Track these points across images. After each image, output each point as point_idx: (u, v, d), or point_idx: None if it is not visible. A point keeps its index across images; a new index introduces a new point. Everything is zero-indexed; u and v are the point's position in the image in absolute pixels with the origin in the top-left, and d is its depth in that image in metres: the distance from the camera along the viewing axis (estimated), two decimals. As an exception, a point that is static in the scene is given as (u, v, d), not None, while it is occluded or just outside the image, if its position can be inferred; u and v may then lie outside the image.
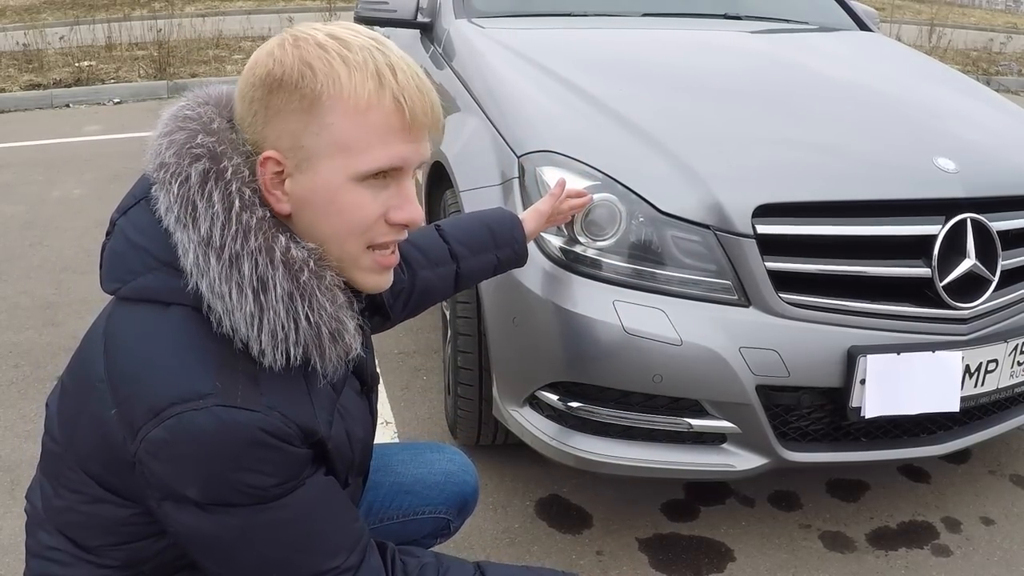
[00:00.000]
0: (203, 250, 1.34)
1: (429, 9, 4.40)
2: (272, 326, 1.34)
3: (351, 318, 1.44)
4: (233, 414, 1.29)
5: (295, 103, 1.35)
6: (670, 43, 3.97)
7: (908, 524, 3.14)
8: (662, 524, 3.10)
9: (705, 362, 2.61)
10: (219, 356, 1.34)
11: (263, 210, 1.37)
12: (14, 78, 11.96)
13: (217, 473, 1.30)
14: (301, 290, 1.36)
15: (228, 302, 1.33)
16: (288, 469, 1.35)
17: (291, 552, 1.37)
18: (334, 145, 1.36)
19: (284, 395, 1.37)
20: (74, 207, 6.62)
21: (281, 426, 1.33)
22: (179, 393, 1.30)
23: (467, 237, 2.14)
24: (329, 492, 1.43)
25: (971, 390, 2.81)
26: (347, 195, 1.38)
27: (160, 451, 1.30)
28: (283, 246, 1.36)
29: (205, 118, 1.42)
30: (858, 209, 2.75)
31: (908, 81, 3.75)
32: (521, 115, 3.12)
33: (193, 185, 1.35)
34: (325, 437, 1.43)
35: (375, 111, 1.35)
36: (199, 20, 15.19)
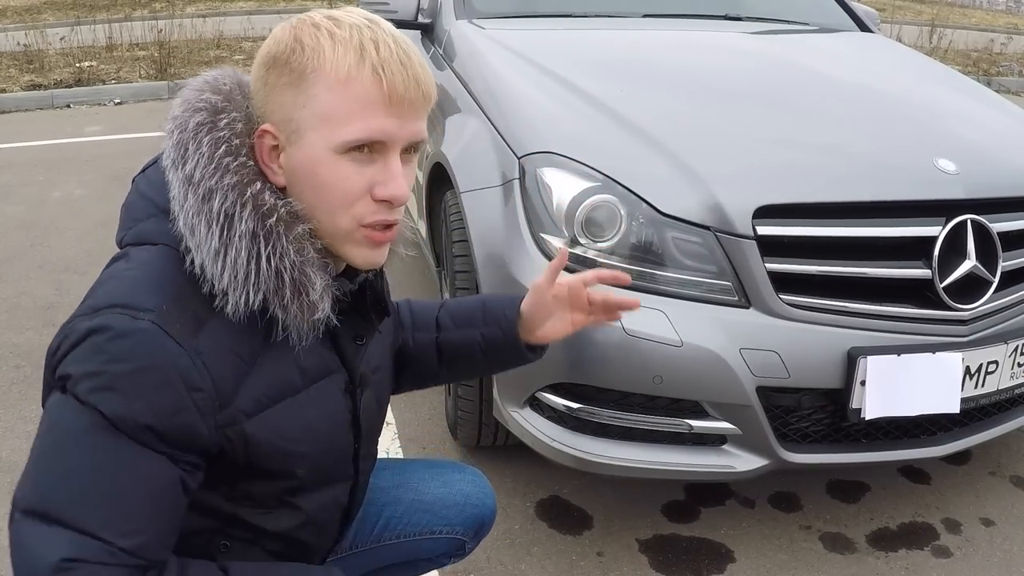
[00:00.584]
0: (184, 188, 1.40)
1: (430, 10, 4.41)
2: (233, 264, 1.37)
3: (321, 278, 1.44)
4: (160, 337, 1.32)
5: (286, 78, 1.41)
6: (671, 44, 3.97)
7: (908, 525, 3.14)
8: (662, 525, 3.10)
9: (705, 363, 2.61)
10: (178, 291, 1.38)
11: (247, 158, 1.43)
12: (15, 78, 11.95)
13: (114, 376, 1.31)
14: (266, 232, 1.39)
15: (197, 236, 1.38)
16: (169, 422, 1.34)
17: (93, 494, 1.33)
18: (317, 117, 1.39)
19: (220, 350, 1.38)
20: (75, 208, 6.62)
21: (196, 374, 1.35)
22: (124, 299, 1.35)
23: (458, 310, 2.05)
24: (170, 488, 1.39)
25: (971, 391, 2.82)
26: (330, 167, 1.41)
27: (81, 337, 1.33)
28: (256, 189, 1.41)
29: (219, 81, 1.50)
30: (858, 210, 2.75)
31: (908, 82, 3.76)
32: (522, 116, 3.12)
33: (188, 132, 1.43)
34: (241, 411, 1.42)
35: (355, 83, 1.38)
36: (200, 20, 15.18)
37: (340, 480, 1.70)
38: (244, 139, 1.44)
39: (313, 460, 1.57)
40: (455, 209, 3.22)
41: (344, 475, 1.71)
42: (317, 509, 1.65)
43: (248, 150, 1.44)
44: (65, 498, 1.32)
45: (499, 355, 1.96)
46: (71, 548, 1.30)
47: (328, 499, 1.68)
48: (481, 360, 1.98)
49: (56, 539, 1.30)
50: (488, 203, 2.99)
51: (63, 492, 1.32)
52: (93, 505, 1.32)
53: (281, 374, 1.48)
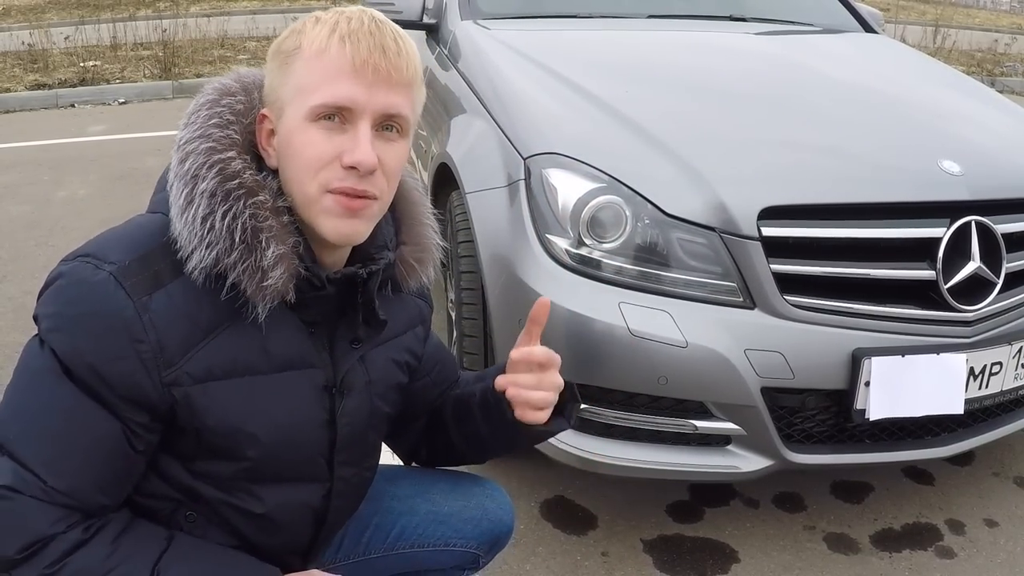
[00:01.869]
0: (175, 150, 1.52)
1: (435, 10, 4.42)
2: (192, 222, 1.45)
3: (276, 246, 1.47)
4: (112, 287, 1.42)
5: (278, 61, 1.51)
6: (676, 45, 3.98)
7: (912, 526, 3.14)
8: (667, 525, 3.10)
9: (710, 364, 2.62)
10: (151, 251, 1.47)
11: (233, 131, 1.52)
12: (19, 78, 11.96)
13: (66, 316, 1.43)
14: (224, 192, 1.46)
15: (172, 194, 1.49)
16: (111, 368, 1.42)
17: (38, 432, 1.44)
18: (295, 90, 1.48)
19: (174, 311, 1.46)
20: (79, 207, 6.62)
21: (139, 327, 1.43)
22: (95, 252, 1.46)
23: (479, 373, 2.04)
24: (110, 439, 1.46)
25: (975, 392, 2.82)
26: (302, 135, 1.48)
27: (52, 279, 1.47)
28: (226, 156, 1.49)
29: (243, 75, 1.63)
30: (863, 211, 2.76)
31: (913, 83, 3.76)
32: (527, 117, 3.13)
33: (196, 107, 1.56)
34: (187, 374, 1.47)
35: (325, 54, 1.46)
36: (204, 20, 15.18)
37: (310, 480, 1.70)
38: (240, 118, 1.54)
39: (268, 448, 1.58)
40: (460, 210, 3.23)
41: (315, 476, 1.70)
42: (279, 505, 1.66)
43: (243, 130, 1.53)
44: (15, 431, 1.45)
45: (489, 414, 1.88)
46: (12, 478, 1.43)
47: (294, 497, 1.68)
48: (481, 419, 1.90)
49: (2, 468, 1.43)
50: (493, 204, 3.00)
51: (14, 425, 1.45)
52: (36, 442, 1.44)
53: (241, 352, 1.52)
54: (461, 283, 3.16)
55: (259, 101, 1.57)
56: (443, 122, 3.77)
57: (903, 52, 4.33)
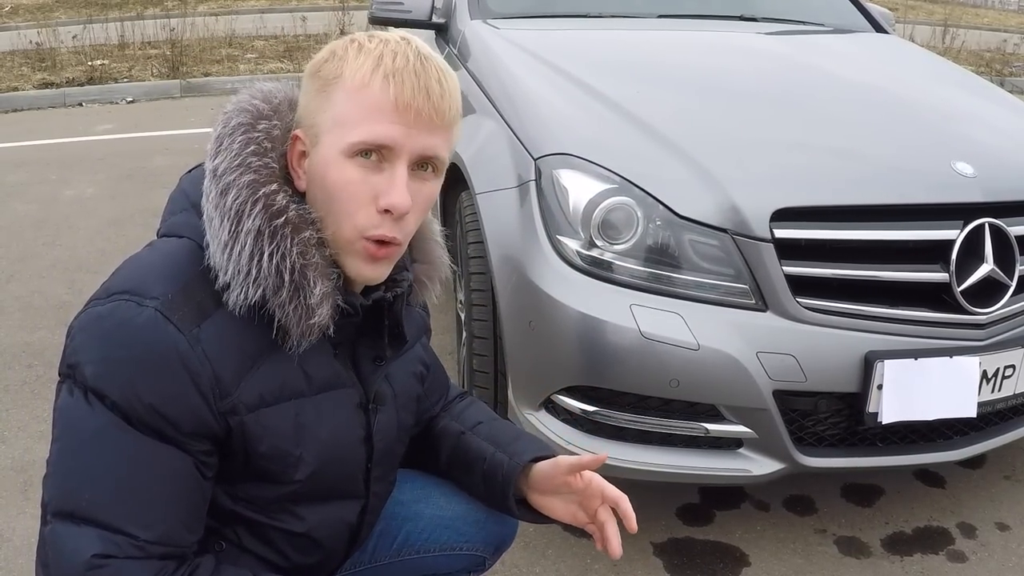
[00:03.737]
0: (210, 180, 1.47)
1: (444, 10, 4.40)
2: (238, 259, 1.41)
3: (322, 283, 1.46)
4: (163, 323, 1.38)
5: (317, 84, 1.48)
6: (686, 45, 3.96)
7: (923, 529, 3.13)
8: (677, 528, 3.09)
9: (722, 367, 2.60)
10: (189, 281, 1.44)
11: (272, 160, 1.48)
12: (27, 77, 11.98)
13: (117, 360, 1.37)
14: (272, 230, 1.43)
15: (212, 228, 1.44)
16: (174, 406, 1.39)
17: (114, 490, 1.39)
18: (333, 121, 1.45)
19: (223, 341, 1.43)
20: (87, 206, 6.62)
21: (195, 359, 1.39)
22: (134, 286, 1.41)
23: (499, 428, 1.97)
24: (186, 476, 1.44)
25: (988, 395, 2.80)
26: (338, 170, 1.45)
27: (90, 323, 1.41)
28: (270, 190, 1.45)
29: (271, 93, 1.57)
30: (876, 213, 2.74)
31: (925, 84, 3.74)
32: (537, 117, 3.11)
33: (227, 129, 1.50)
34: (242, 403, 1.45)
35: (368, 89, 1.43)
36: (212, 19, 15.19)
37: (348, 497, 1.71)
38: (277, 145, 1.49)
39: (315, 468, 1.58)
40: (470, 211, 3.22)
41: (353, 492, 1.71)
42: (320, 523, 1.66)
43: (279, 156, 1.48)
44: (88, 497, 1.37)
45: (492, 484, 1.86)
46: (101, 545, 1.36)
47: (333, 515, 1.69)
48: (479, 480, 1.89)
49: (86, 538, 1.36)
50: (504, 205, 2.98)
51: (86, 491, 1.38)
52: (115, 501, 1.38)
53: (287, 376, 1.51)
54: (471, 284, 3.14)
55: (291, 122, 1.54)
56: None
57: (914, 52, 4.31)
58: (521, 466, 1.82)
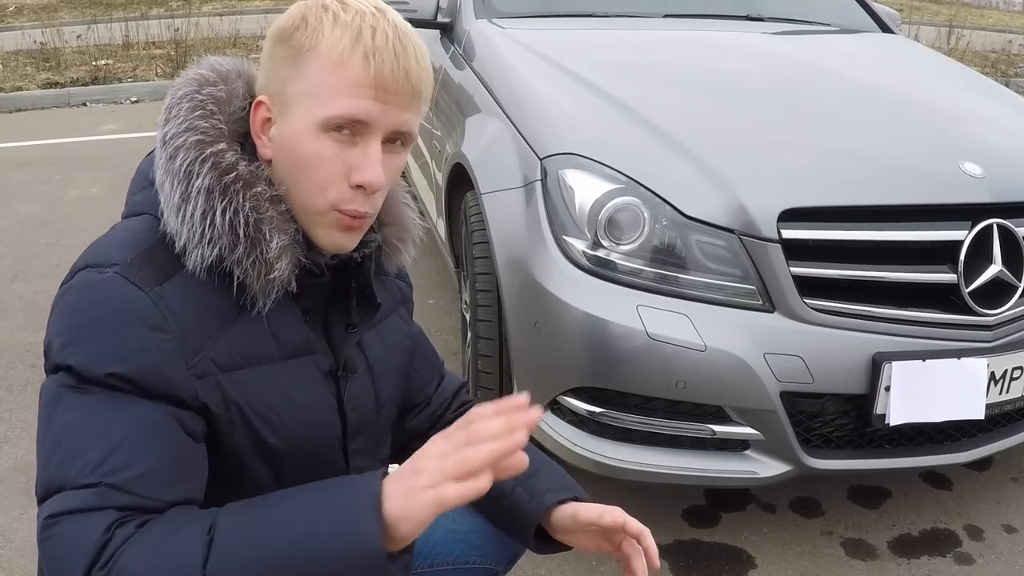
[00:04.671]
0: (160, 148, 1.46)
1: (449, 9, 4.40)
2: (190, 220, 1.40)
3: (279, 237, 1.43)
4: (122, 284, 1.36)
5: (286, 52, 1.45)
6: (692, 44, 3.95)
7: (930, 532, 3.12)
8: (683, 531, 3.08)
9: (729, 368, 2.59)
10: (148, 247, 1.42)
11: (218, 121, 1.47)
12: (31, 76, 11.98)
13: (77, 325, 1.35)
14: (222, 188, 1.41)
15: (164, 193, 1.43)
16: (136, 363, 1.34)
17: (78, 446, 1.32)
18: (307, 92, 1.42)
19: (187, 299, 1.40)
20: (91, 206, 6.62)
21: (157, 315, 1.36)
22: (95, 259, 1.40)
23: None
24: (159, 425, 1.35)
25: (996, 397, 2.79)
26: (311, 143, 1.43)
27: (58, 301, 1.40)
28: (218, 148, 1.44)
29: (219, 63, 1.57)
30: (884, 214, 2.73)
31: (932, 84, 3.73)
32: (543, 117, 3.10)
33: (174, 99, 1.50)
34: (214, 362, 1.41)
35: (346, 65, 1.40)
36: (216, 19, 15.18)
37: (328, 471, 1.60)
38: (223, 106, 1.49)
39: (293, 432, 1.53)
40: (476, 210, 3.20)
41: (333, 467, 1.64)
42: None
43: (228, 118, 1.49)
44: (55, 463, 1.31)
45: (511, 519, 1.81)
46: (55, 505, 1.29)
47: None
48: (497, 510, 1.83)
49: (48, 506, 1.30)
50: (509, 205, 2.97)
51: (53, 460, 1.32)
52: (76, 456, 1.31)
53: (257, 339, 1.48)
54: (476, 284, 3.13)
55: (244, 90, 1.54)
56: (458, 122, 3.75)
57: (921, 52, 4.30)
58: (543, 509, 1.77)
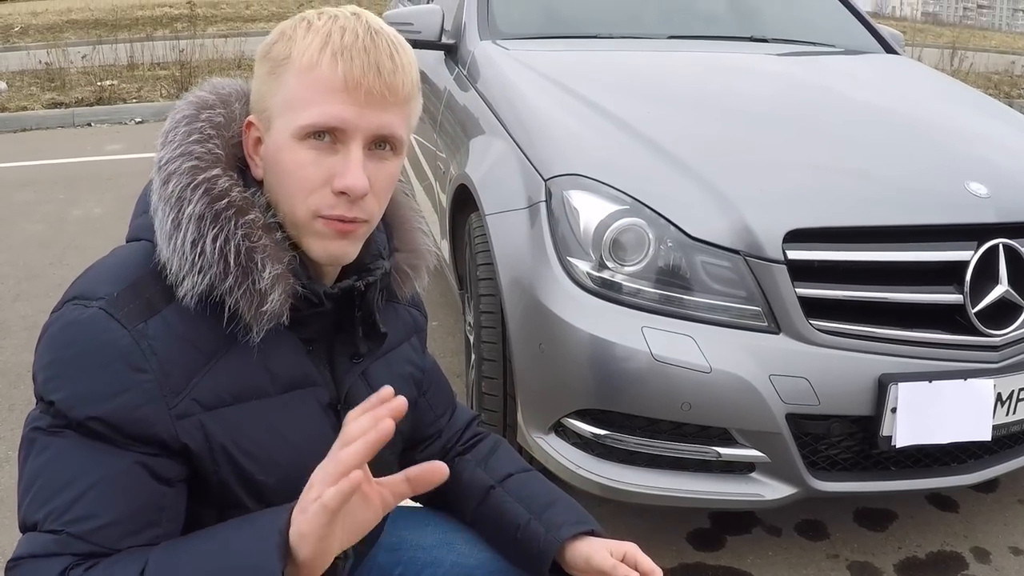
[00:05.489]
0: (155, 172, 1.44)
1: (454, 31, 4.40)
2: (182, 247, 1.37)
3: (272, 266, 1.40)
4: (105, 321, 1.34)
5: (267, 67, 1.44)
6: (697, 66, 3.95)
7: (937, 554, 3.10)
8: (688, 554, 3.06)
9: (735, 390, 2.58)
10: (138, 279, 1.40)
11: (214, 146, 1.44)
12: (36, 96, 12.02)
13: (58, 361, 1.34)
14: (214, 214, 1.38)
15: (158, 220, 1.41)
16: (111, 404, 1.32)
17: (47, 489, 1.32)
18: (284, 104, 1.41)
19: (172, 337, 1.38)
20: (95, 226, 6.63)
21: (139, 355, 1.34)
22: (82, 291, 1.39)
23: (531, 486, 1.89)
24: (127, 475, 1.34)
25: (1003, 418, 2.77)
26: (290, 154, 1.41)
27: (43, 332, 1.39)
28: (212, 174, 1.41)
29: (220, 86, 1.55)
30: (889, 234, 2.72)
31: (937, 104, 3.73)
32: (548, 138, 3.10)
33: (173, 122, 1.48)
34: (196, 402, 1.39)
35: (317, 69, 1.38)
36: (221, 41, 15.23)
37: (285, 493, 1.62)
38: (222, 131, 1.46)
39: (284, 469, 1.49)
40: (480, 232, 3.20)
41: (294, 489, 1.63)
42: None
43: (226, 143, 1.46)
44: (26, 504, 1.33)
45: (525, 553, 1.79)
46: (21, 548, 1.31)
47: None
48: (510, 542, 1.82)
49: (19, 546, 1.32)
50: (514, 226, 2.97)
51: (26, 500, 1.33)
52: (45, 500, 1.32)
53: (246, 374, 1.45)
54: (480, 306, 3.12)
55: (241, 112, 1.51)
56: (462, 143, 3.75)
57: (926, 73, 4.30)
58: (559, 543, 1.75)
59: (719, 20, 4.76)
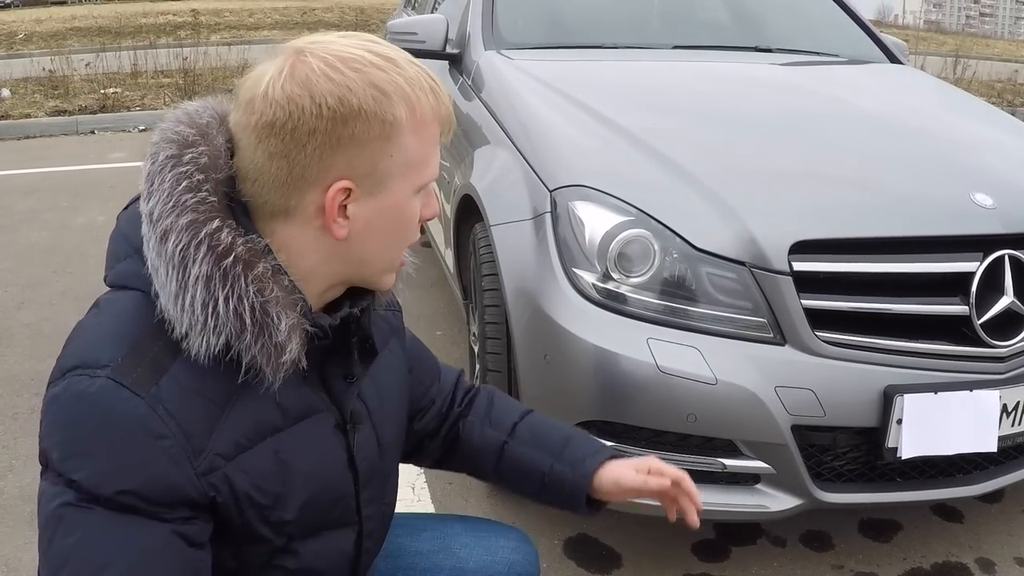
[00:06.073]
0: (148, 225, 1.36)
1: (458, 40, 4.40)
2: (190, 308, 1.32)
3: (287, 316, 1.37)
4: (116, 390, 1.29)
5: (376, 129, 1.35)
6: (702, 76, 3.95)
7: (941, 565, 3.09)
8: (693, 565, 3.05)
9: (740, 401, 2.58)
10: (139, 337, 1.34)
11: (207, 194, 1.36)
12: (40, 104, 12.03)
13: (76, 439, 1.29)
14: (222, 273, 1.33)
15: (159, 279, 1.33)
16: (143, 476, 1.29)
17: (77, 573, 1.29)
18: (406, 164, 1.39)
19: (185, 395, 1.33)
20: (98, 234, 6.62)
21: (157, 422, 1.29)
22: (84, 359, 1.33)
23: (541, 428, 1.95)
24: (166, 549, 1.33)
25: (1008, 429, 2.77)
26: (408, 208, 1.43)
27: (49, 406, 1.33)
28: (212, 228, 1.34)
29: (197, 114, 1.46)
30: (895, 245, 2.72)
31: (941, 114, 3.73)
32: (553, 148, 3.10)
33: (156, 165, 1.39)
34: (219, 455, 1.36)
35: (431, 125, 1.40)
36: (224, 48, 15.22)
37: (341, 526, 1.62)
38: (209, 174, 1.37)
39: (304, 500, 1.50)
40: (485, 242, 3.20)
41: (345, 520, 1.63)
42: (316, 556, 1.57)
43: (212, 186, 1.37)
44: None
45: (557, 493, 1.87)
46: None
47: (329, 546, 1.60)
48: (538, 489, 1.89)
49: None
50: (519, 237, 2.97)
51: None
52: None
53: (260, 414, 1.42)
54: (485, 317, 3.12)
55: (223, 143, 1.42)
56: (466, 153, 3.75)
57: (930, 83, 4.30)
58: (588, 479, 1.83)
59: (723, 30, 4.77)
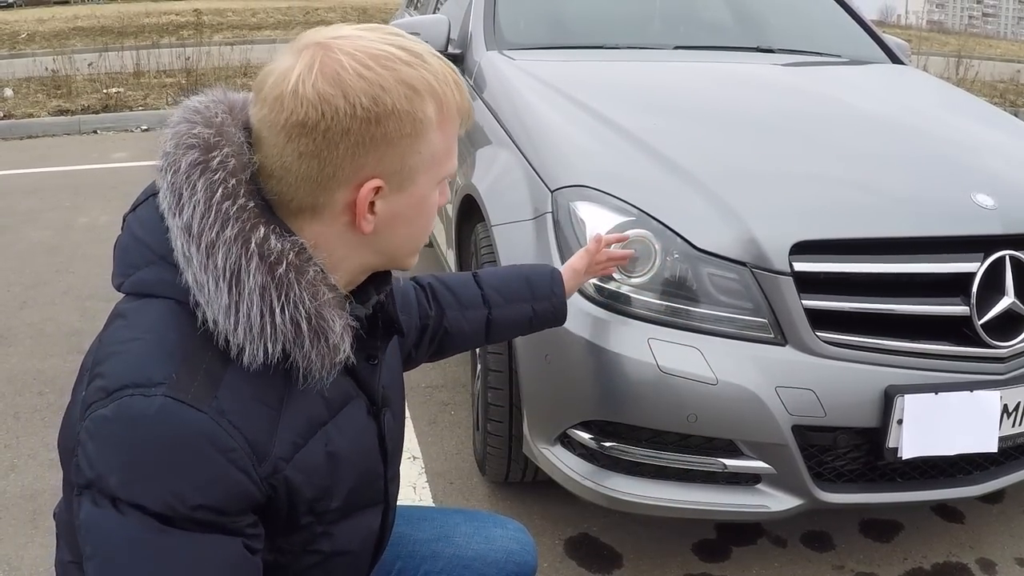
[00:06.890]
0: (186, 239, 1.32)
1: (460, 40, 4.40)
2: (247, 320, 1.30)
3: (339, 317, 1.38)
4: (178, 408, 1.25)
5: (407, 127, 1.35)
6: (703, 76, 3.95)
7: (942, 565, 3.09)
8: (693, 564, 3.06)
9: (741, 402, 2.58)
10: (188, 350, 1.31)
11: (246, 200, 1.34)
12: (42, 103, 12.04)
13: (142, 463, 1.25)
14: (277, 282, 1.31)
15: (207, 294, 1.31)
16: (217, 491, 1.28)
17: None
18: (432, 159, 1.40)
19: (244, 403, 1.32)
20: (100, 234, 6.63)
21: (224, 436, 1.28)
22: (133, 377, 1.27)
23: (502, 285, 2.13)
24: (240, 563, 1.33)
25: (1009, 430, 2.76)
26: (431, 199, 1.45)
27: (99, 429, 1.27)
28: (260, 236, 1.32)
29: (209, 111, 1.42)
30: (896, 246, 2.72)
31: (943, 115, 3.72)
32: (554, 149, 3.10)
33: (181, 175, 1.35)
34: (280, 459, 1.36)
35: (455, 118, 1.42)
36: (227, 48, 15.25)
37: (372, 505, 1.64)
38: (240, 175, 1.35)
39: (349, 487, 1.52)
40: (486, 242, 3.20)
41: (376, 499, 1.65)
42: (349, 537, 1.59)
43: (245, 189, 1.35)
44: None
45: (543, 324, 2.22)
46: None
47: (361, 526, 1.62)
48: (526, 329, 2.21)
49: None
50: (520, 237, 2.97)
51: None
52: None
53: (310, 410, 1.43)
54: (486, 316, 3.11)
55: (241, 137, 1.39)
56: (468, 153, 3.75)
57: (932, 83, 4.29)
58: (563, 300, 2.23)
59: (725, 30, 4.77)
